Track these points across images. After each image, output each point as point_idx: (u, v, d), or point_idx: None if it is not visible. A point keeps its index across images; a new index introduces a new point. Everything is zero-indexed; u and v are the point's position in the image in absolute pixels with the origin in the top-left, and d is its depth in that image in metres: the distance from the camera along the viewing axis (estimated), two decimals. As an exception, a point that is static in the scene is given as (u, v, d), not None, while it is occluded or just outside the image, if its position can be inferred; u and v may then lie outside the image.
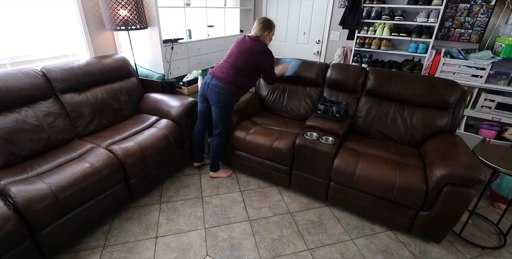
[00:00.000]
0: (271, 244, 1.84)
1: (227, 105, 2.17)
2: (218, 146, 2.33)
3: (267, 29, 2.14)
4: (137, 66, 2.78)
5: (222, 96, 2.13)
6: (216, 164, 2.45)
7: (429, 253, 1.80)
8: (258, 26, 2.15)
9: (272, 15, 3.99)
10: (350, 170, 1.89)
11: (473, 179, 1.54)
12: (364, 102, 2.37)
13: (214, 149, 2.34)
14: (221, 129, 2.26)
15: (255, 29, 2.15)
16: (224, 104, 2.16)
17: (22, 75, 1.90)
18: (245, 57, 2.10)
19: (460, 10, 2.85)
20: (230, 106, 2.21)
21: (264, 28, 2.13)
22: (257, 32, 2.14)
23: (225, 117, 2.22)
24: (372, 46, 3.18)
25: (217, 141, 2.31)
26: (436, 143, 2.00)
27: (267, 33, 2.15)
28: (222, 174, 2.50)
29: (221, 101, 2.14)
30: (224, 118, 2.22)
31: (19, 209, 1.41)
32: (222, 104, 2.15)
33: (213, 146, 2.33)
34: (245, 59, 2.11)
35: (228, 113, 2.23)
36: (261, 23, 2.14)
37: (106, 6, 2.28)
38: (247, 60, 2.11)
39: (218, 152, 2.37)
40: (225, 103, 2.16)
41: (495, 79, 2.72)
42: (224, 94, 2.12)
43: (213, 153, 2.37)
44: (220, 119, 2.22)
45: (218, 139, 2.30)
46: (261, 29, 2.13)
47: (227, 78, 2.12)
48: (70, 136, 2.06)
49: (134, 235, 1.87)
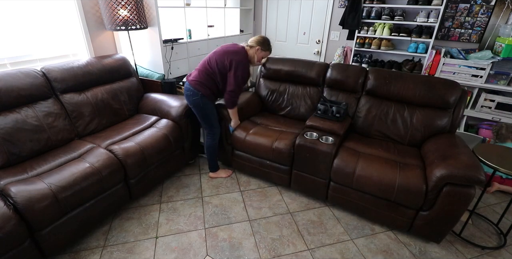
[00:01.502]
0: (271, 244, 1.84)
1: (197, 105, 2.14)
2: (209, 146, 2.33)
3: (261, 46, 2.08)
4: (137, 66, 2.78)
5: (190, 98, 2.13)
6: (213, 164, 2.45)
7: (429, 253, 1.80)
8: (255, 38, 2.12)
9: (272, 15, 3.99)
10: (350, 170, 1.89)
11: (473, 179, 1.54)
12: (364, 102, 2.37)
13: (206, 150, 2.37)
14: (207, 131, 2.28)
15: (250, 40, 2.12)
16: (194, 105, 2.15)
17: (22, 75, 1.90)
18: (219, 57, 2.04)
19: (460, 10, 2.85)
20: (201, 105, 2.14)
21: (259, 43, 2.08)
22: (250, 42, 2.10)
23: (203, 117, 2.20)
24: (372, 46, 3.18)
25: (209, 141, 2.32)
26: (436, 143, 2.00)
27: (258, 48, 2.08)
28: (222, 174, 2.49)
29: (191, 102, 2.15)
30: (203, 119, 2.21)
31: (19, 209, 1.41)
32: (193, 105, 2.15)
33: (206, 146, 2.36)
34: (217, 58, 2.05)
35: (204, 114, 2.18)
36: (260, 37, 2.11)
37: (106, 6, 2.28)
38: (218, 60, 2.04)
39: (211, 152, 2.37)
40: (195, 104, 2.14)
41: (495, 79, 2.72)
42: (191, 95, 2.11)
43: (207, 154, 2.40)
44: (201, 119, 2.24)
45: (209, 139, 2.32)
46: (255, 42, 2.09)
47: (193, 78, 2.11)
48: (70, 136, 2.06)
49: (134, 235, 1.87)
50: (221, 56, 2.05)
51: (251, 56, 2.11)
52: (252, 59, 2.13)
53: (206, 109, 2.17)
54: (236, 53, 2.04)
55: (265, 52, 2.14)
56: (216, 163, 2.47)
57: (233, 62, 2.01)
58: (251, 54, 2.10)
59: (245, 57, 2.07)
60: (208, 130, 2.28)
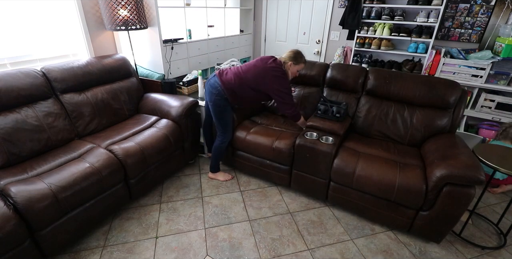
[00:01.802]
0: (271, 244, 1.84)
1: (217, 106, 2.13)
2: (217, 147, 2.31)
3: (293, 60, 2.10)
4: (137, 66, 2.78)
5: (214, 96, 2.11)
6: (215, 164, 2.42)
7: (429, 253, 1.80)
8: (286, 54, 2.14)
9: (272, 15, 3.99)
10: (350, 170, 1.89)
11: (473, 179, 1.54)
12: (364, 102, 2.37)
13: (214, 149, 2.34)
14: (220, 132, 2.26)
15: (283, 55, 2.15)
16: (215, 104, 2.13)
17: (22, 75, 1.90)
18: (255, 74, 2.07)
19: (460, 10, 2.85)
20: (221, 108, 2.15)
21: (290, 58, 2.10)
22: (283, 58, 2.13)
23: (218, 118, 2.19)
24: (372, 46, 3.18)
25: (218, 142, 2.30)
26: (436, 143, 2.00)
27: (290, 63, 2.10)
28: (219, 177, 2.46)
29: (212, 100, 2.13)
30: (218, 120, 2.20)
31: (19, 209, 1.41)
32: (213, 103, 2.13)
33: (214, 146, 2.33)
34: (254, 75, 2.07)
35: (221, 115, 2.18)
36: (290, 53, 2.12)
37: (106, 6, 2.28)
38: (255, 77, 2.07)
39: (217, 153, 2.34)
40: (216, 103, 2.13)
41: (495, 79, 2.72)
42: (216, 94, 2.10)
43: (212, 153, 2.37)
44: (215, 120, 2.22)
45: (218, 141, 2.29)
46: (287, 57, 2.11)
47: (227, 82, 2.09)
48: (70, 136, 2.06)
49: (134, 235, 1.87)
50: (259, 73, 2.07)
51: (288, 72, 2.14)
52: (289, 74, 2.15)
53: (224, 112, 2.18)
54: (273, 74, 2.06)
55: (299, 66, 2.15)
56: (218, 165, 2.44)
57: (269, 78, 2.05)
58: (288, 70, 2.13)
59: (282, 73, 2.08)
60: (220, 132, 2.26)
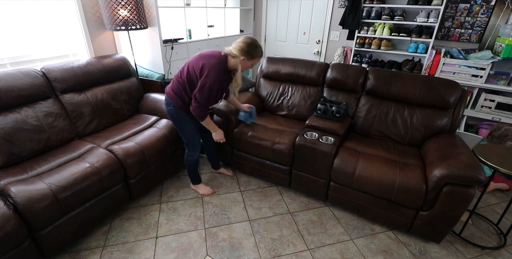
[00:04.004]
0: (271, 244, 1.84)
1: (171, 116, 1.95)
2: (185, 160, 2.14)
3: (246, 55, 1.66)
4: (137, 66, 2.78)
5: (166, 107, 1.95)
6: (192, 177, 2.26)
7: (429, 253, 1.80)
8: (237, 45, 1.66)
9: (272, 15, 3.99)
10: (350, 170, 1.89)
11: (473, 179, 1.54)
12: (364, 102, 2.37)
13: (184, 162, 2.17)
14: (185, 143, 2.08)
15: (233, 46, 1.68)
16: (170, 115, 1.95)
17: (22, 75, 1.90)
18: (192, 62, 1.74)
19: (460, 10, 2.85)
20: (175, 117, 1.93)
21: (242, 52, 1.65)
22: (233, 50, 1.67)
23: (178, 129, 2.03)
24: (372, 46, 3.18)
25: (185, 155, 2.12)
26: (436, 143, 2.00)
27: (243, 59, 1.67)
28: (200, 190, 2.28)
29: (167, 112, 1.95)
30: (179, 130, 2.03)
31: (19, 209, 1.41)
32: (169, 115, 1.96)
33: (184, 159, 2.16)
34: (190, 64, 1.75)
35: (177, 126, 1.99)
36: (243, 44, 1.65)
37: (106, 6, 2.28)
38: (190, 65, 1.74)
39: (187, 167, 2.20)
40: (169, 115, 1.95)
41: (495, 79, 2.72)
42: (166, 105, 1.94)
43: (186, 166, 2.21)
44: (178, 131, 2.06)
45: (185, 153, 2.12)
46: (238, 50, 1.66)
47: (169, 86, 1.90)
48: (70, 136, 2.06)
49: (134, 235, 1.87)
50: (195, 60, 1.73)
51: (232, 65, 1.73)
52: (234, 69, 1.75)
53: (180, 122, 1.95)
54: (211, 57, 1.70)
55: (253, 60, 1.72)
56: (196, 177, 2.27)
57: (204, 67, 1.66)
58: (232, 64, 1.72)
59: (221, 64, 1.69)
60: (185, 144, 2.08)
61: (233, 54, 1.68)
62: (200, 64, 1.68)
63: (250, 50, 1.67)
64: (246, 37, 1.69)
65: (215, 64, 1.67)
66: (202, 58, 1.71)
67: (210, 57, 1.69)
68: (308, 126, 2.20)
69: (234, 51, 1.67)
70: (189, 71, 1.75)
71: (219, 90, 1.75)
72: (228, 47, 1.71)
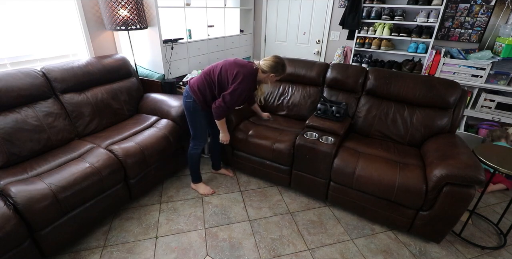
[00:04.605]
0: (271, 244, 1.84)
1: (187, 108, 2.03)
2: (188, 154, 2.18)
3: (275, 72, 1.90)
4: (137, 66, 2.78)
5: (184, 99, 2.02)
6: (193, 174, 2.29)
7: (429, 253, 1.80)
8: (267, 63, 1.89)
9: (272, 15, 3.99)
10: (350, 170, 1.89)
11: (472, 179, 1.54)
12: (364, 102, 2.37)
13: (187, 156, 2.21)
14: (191, 137, 2.15)
15: (263, 62, 1.90)
16: (185, 107, 2.04)
17: (22, 75, 1.90)
18: (227, 66, 1.89)
19: (460, 10, 2.85)
20: (191, 111, 2.02)
21: (272, 69, 1.88)
22: (263, 66, 1.89)
23: (190, 123, 2.09)
24: (372, 46, 3.18)
25: (189, 148, 2.17)
26: (436, 143, 2.00)
27: (272, 75, 1.91)
28: (200, 190, 2.30)
29: (184, 103, 2.04)
30: (190, 124, 2.09)
31: (19, 209, 1.41)
32: (184, 107, 2.05)
33: (188, 153, 2.20)
34: (224, 67, 1.90)
35: (191, 119, 2.06)
36: (273, 63, 1.88)
37: (106, 6, 2.28)
38: (224, 68, 1.89)
39: (189, 161, 2.21)
40: (186, 106, 2.03)
41: (495, 79, 2.72)
42: (185, 97, 2.01)
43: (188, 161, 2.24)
44: (188, 123, 2.11)
45: (190, 146, 2.17)
46: (268, 67, 1.88)
47: (194, 80, 1.99)
48: (70, 136, 2.06)
49: (134, 235, 1.87)
50: (230, 65, 1.89)
51: (261, 78, 1.96)
52: (262, 81, 1.99)
53: (195, 116, 2.04)
54: (245, 67, 1.88)
55: (279, 77, 1.98)
56: (197, 175, 2.29)
57: (239, 74, 1.84)
58: (261, 77, 1.94)
59: (253, 75, 1.90)
60: (192, 137, 2.14)
61: (263, 69, 1.90)
62: (235, 71, 1.86)
63: (278, 68, 1.91)
64: (275, 57, 1.93)
65: (249, 74, 1.87)
66: (237, 66, 1.88)
67: (244, 67, 1.88)
68: (308, 126, 2.20)
69: (264, 67, 1.89)
70: (222, 73, 1.90)
71: (246, 96, 1.97)
72: (259, 62, 1.93)
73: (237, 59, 1.96)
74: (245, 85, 1.87)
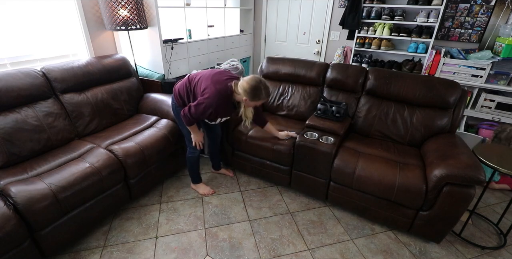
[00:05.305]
0: (271, 244, 1.84)
1: (173, 111, 2.06)
2: (186, 158, 2.18)
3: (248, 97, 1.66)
4: (137, 66, 2.78)
5: (171, 102, 2.04)
6: (192, 176, 2.29)
7: (429, 253, 1.80)
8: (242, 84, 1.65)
9: (272, 15, 3.99)
10: (350, 170, 1.89)
11: (472, 179, 1.54)
12: (364, 102, 2.37)
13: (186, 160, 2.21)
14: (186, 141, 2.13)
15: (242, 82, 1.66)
16: (173, 110, 2.06)
17: (22, 75, 1.90)
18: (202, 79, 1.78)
19: (460, 10, 2.85)
20: (176, 114, 2.02)
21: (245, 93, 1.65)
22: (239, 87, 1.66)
23: (179, 125, 2.09)
24: (372, 46, 3.18)
25: (187, 152, 2.17)
26: (436, 143, 2.00)
27: (245, 99, 1.68)
28: (200, 190, 2.29)
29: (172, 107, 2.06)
30: (180, 127, 2.10)
31: (19, 209, 1.41)
32: (172, 110, 2.07)
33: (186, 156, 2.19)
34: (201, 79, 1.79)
35: (179, 122, 2.01)
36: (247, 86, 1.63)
37: (106, 6, 2.28)
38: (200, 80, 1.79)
39: (188, 165, 2.22)
40: (173, 110, 2.05)
41: (495, 79, 2.72)
42: (172, 99, 2.02)
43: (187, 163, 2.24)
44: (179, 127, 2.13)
45: (187, 151, 2.16)
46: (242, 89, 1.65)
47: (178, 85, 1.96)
48: (70, 136, 2.06)
49: (134, 235, 1.87)
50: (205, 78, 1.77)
51: (240, 100, 1.75)
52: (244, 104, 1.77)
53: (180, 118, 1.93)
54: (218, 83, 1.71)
55: (256, 102, 1.72)
56: (197, 176, 2.29)
57: (207, 89, 1.69)
58: (239, 99, 1.74)
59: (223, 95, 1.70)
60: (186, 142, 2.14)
61: (237, 91, 1.69)
62: (206, 85, 1.72)
63: (252, 93, 1.65)
64: (252, 79, 1.66)
65: (218, 91, 1.69)
66: (211, 81, 1.72)
67: (217, 83, 1.71)
68: (308, 126, 2.20)
69: (239, 89, 1.67)
70: (197, 83, 1.80)
71: (212, 113, 1.76)
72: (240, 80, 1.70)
73: (219, 73, 1.80)
74: (211, 102, 1.68)
